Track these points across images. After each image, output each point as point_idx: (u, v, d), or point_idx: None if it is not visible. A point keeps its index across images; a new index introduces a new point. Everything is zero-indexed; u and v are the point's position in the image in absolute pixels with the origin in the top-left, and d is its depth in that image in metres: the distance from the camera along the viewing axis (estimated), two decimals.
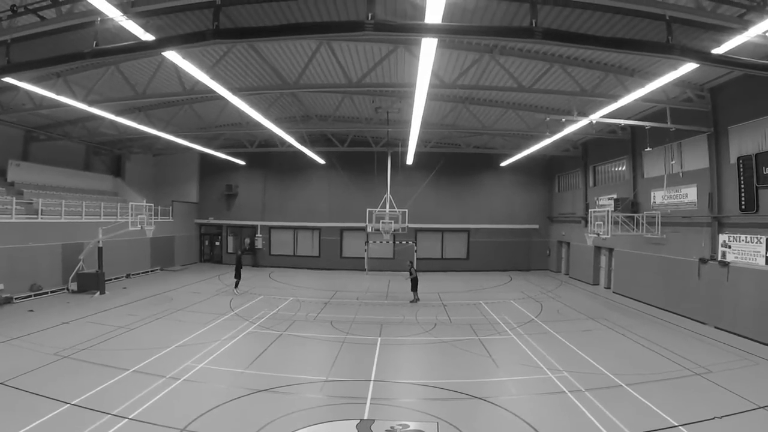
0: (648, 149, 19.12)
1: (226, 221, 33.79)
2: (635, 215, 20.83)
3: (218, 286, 23.75)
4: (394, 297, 21.82)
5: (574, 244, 29.10)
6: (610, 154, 25.36)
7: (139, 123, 21.81)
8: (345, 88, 15.09)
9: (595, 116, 15.76)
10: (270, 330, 15.15)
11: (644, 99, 15.34)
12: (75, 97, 16.37)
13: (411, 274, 20.54)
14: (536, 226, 32.80)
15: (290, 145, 25.25)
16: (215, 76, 13.81)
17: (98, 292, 20.78)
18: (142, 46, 7.89)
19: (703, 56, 8.10)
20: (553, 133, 19.10)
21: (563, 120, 15.28)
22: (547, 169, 33.20)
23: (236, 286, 22.17)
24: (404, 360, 12.96)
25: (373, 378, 10.93)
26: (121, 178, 32.31)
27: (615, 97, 15.04)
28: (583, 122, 16.14)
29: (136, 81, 16.83)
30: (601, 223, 18.99)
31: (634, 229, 19.85)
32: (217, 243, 34.38)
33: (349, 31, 6.97)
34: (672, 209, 19.55)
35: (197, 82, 14.50)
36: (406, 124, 19.69)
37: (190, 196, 34.58)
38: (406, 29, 7.15)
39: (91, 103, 16.53)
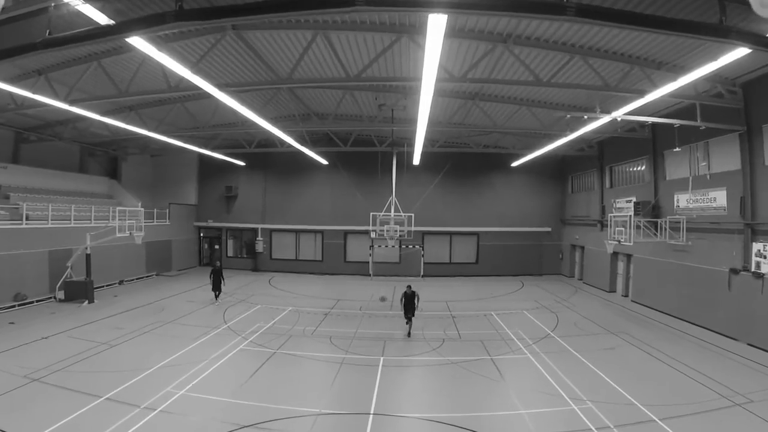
0: (677, 149, 17.61)
1: (225, 224, 32.67)
2: (657, 220, 19.46)
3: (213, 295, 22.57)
4: (399, 307, 20.53)
5: (588, 249, 27.68)
6: (629, 154, 23.91)
7: (130, 123, 20.78)
8: (344, 83, 13.83)
9: (619, 113, 14.37)
10: (263, 347, 13.93)
11: (671, 94, 13.95)
12: (56, 96, 15.28)
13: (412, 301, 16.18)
14: (548, 229, 31.38)
15: (290, 145, 24.05)
16: (200, 72, 12.65)
17: (86, 301, 19.75)
18: (97, 33, 6.68)
19: (763, 41, 6.74)
20: (573, 130, 17.63)
21: (585, 117, 13.92)
22: (559, 170, 31.75)
23: (216, 297, 20.81)
24: (408, 386, 11.67)
25: (372, 411, 9.67)
26: (117, 180, 31.34)
27: (641, 92, 13.64)
28: (606, 119, 14.77)
29: (120, 78, 15.72)
30: (623, 228, 17.59)
31: (657, 236, 18.43)
32: (217, 246, 33.27)
33: (338, 6, 5.73)
34: (698, 214, 18.12)
35: (182, 79, 13.34)
36: (412, 122, 18.43)
37: (189, 198, 33.53)
38: (402, 3, 5.88)
39: (73, 102, 15.40)
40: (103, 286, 23.21)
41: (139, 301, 20.47)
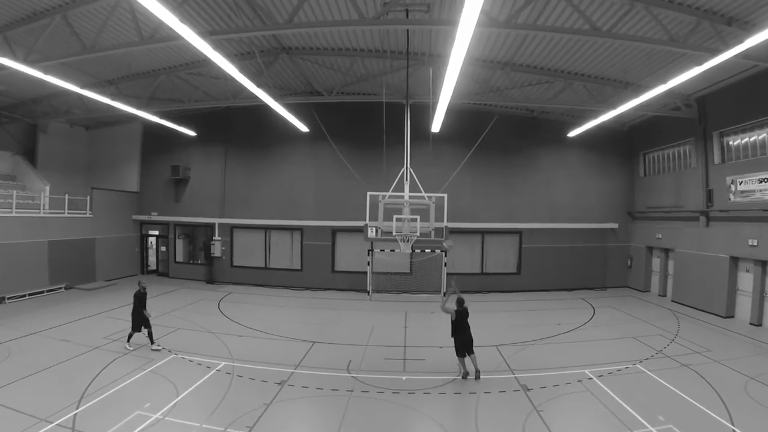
0: None
1: (173, 217, 24.12)
2: None
3: (117, 326, 14.12)
4: (416, 357, 12.03)
5: (681, 252, 19.22)
6: (758, 110, 15.41)
7: None
8: None
9: None
10: None
11: None
12: None
13: (453, 314, 10.61)
14: (615, 226, 22.84)
15: (246, 96, 15.78)
16: None
17: None
18: None
19: None
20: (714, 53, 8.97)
21: None
22: (626, 145, 23.26)
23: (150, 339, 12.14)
24: None
25: None
26: (31, 158, 23.04)
27: None
28: None
29: None
30: None
31: None
32: (164, 248, 24.78)
33: None
34: None
35: None
36: (449, 23, 10.06)
37: (129, 184, 25.09)
38: None
39: None
40: None
41: None
